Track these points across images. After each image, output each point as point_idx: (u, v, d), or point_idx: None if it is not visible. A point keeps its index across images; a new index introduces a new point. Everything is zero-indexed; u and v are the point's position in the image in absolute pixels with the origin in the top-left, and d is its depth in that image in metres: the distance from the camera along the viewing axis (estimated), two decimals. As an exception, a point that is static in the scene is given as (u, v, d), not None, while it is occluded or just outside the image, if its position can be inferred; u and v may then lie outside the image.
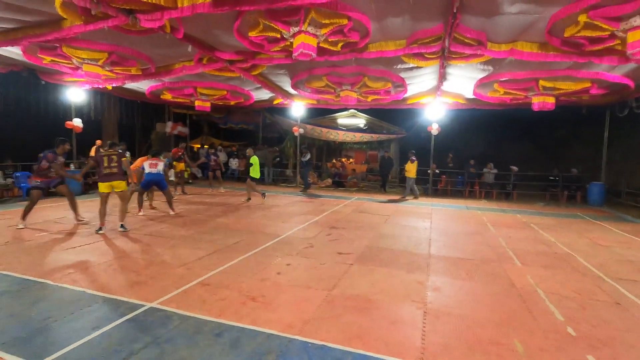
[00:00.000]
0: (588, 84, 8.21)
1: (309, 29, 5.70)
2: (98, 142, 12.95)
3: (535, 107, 8.93)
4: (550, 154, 15.27)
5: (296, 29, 5.72)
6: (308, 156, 13.17)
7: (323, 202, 10.45)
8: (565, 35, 5.65)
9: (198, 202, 9.81)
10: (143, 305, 3.21)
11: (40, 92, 10.80)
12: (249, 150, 10.60)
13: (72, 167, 11.39)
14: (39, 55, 7.56)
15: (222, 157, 15.19)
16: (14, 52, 7.84)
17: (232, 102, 12.93)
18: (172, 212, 7.73)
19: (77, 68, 8.14)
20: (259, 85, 10.56)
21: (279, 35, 6.09)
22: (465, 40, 6.24)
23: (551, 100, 8.75)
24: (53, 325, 2.85)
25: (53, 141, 6.21)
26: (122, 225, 6.10)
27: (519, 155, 14.77)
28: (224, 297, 3.46)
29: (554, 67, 7.55)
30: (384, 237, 6.23)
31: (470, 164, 13.40)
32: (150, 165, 7.39)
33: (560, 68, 7.52)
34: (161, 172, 7.50)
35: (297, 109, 13.57)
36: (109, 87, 11.02)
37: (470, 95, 10.77)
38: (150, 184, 7.55)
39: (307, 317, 3.09)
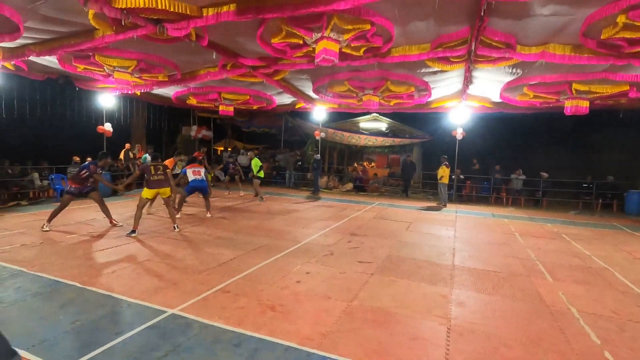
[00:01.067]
0: (626, 87, 7.74)
1: (332, 34, 5.67)
2: (127, 145, 13.46)
3: (568, 111, 8.49)
4: (584, 159, 14.50)
5: (318, 35, 5.71)
6: (318, 156, 13.18)
7: (344, 207, 10.37)
8: (602, 37, 5.34)
9: (220, 206, 9.96)
10: (165, 312, 3.26)
11: (75, 98, 11.37)
12: (250, 154, 10.77)
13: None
14: (74, 64, 7.93)
15: (244, 160, 15.41)
16: (50, 60, 8.27)
17: (255, 107, 13.10)
18: (208, 215, 8.12)
19: (109, 75, 8.49)
20: (281, 90, 10.64)
21: (301, 42, 6.10)
22: (493, 43, 6.03)
23: (585, 104, 8.30)
24: (79, 329, 2.94)
25: (85, 143, 6.55)
26: (175, 227, 6.61)
27: (549, 161, 14.13)
28: (243, 305, 3.47)
29: (588, 70, 7.17)
30: (406, 246, 6.09)
31: (496, 170, 12.96)
32: (194, 173, 7.72)
33: (596, 70, 7.14)
34: (204, 179, 7.87)
35: (319, 112, 13.57)
36: (138, 92, 11.42)
37: (498, 99, 10.41)
38: (195, 190, 7.87)
39: (326, 330, 3.04)
